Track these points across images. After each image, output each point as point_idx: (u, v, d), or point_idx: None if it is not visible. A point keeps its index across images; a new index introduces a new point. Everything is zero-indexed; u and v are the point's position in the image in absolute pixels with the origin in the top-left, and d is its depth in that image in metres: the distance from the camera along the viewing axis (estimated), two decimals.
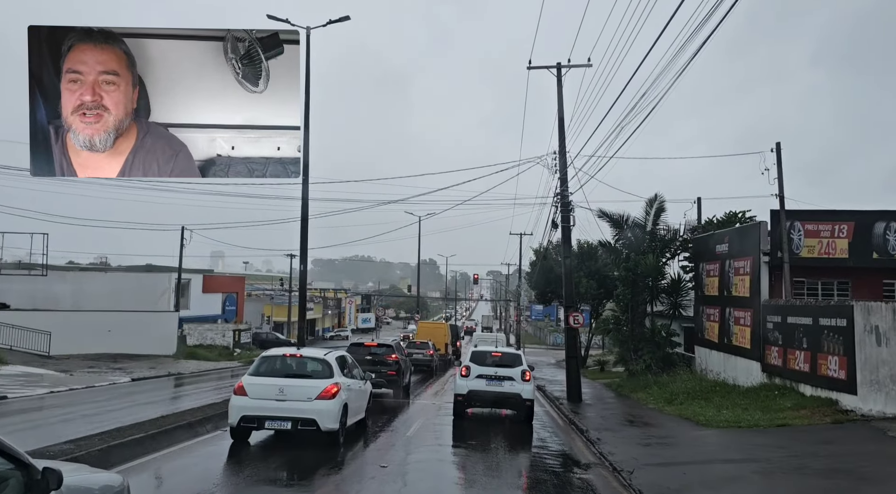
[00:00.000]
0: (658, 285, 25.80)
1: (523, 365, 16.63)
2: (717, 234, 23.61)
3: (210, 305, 56.20)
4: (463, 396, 15.98)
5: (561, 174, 21.77)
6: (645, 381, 23.69)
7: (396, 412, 17.86)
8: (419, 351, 35.15)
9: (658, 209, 27.58)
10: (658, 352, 25.74)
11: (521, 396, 15.81)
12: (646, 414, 18.08)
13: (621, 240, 28.41)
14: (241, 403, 11.09)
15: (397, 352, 20.29)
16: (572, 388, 21.51)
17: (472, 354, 17.17)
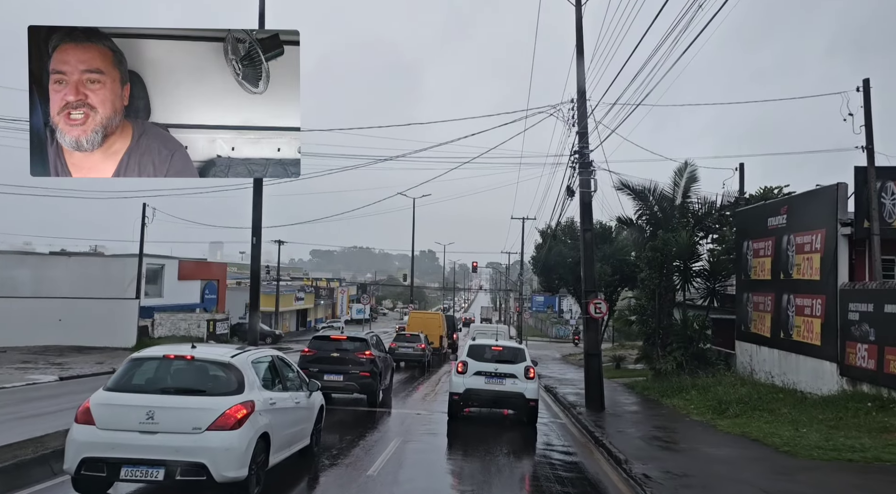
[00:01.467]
0: (691, 267, 21.53)
1: (526, 361, 14.83)
2: (771, 204, 19.26)
3: (187, 293, 52.01)
4: (459, 395, 14.37)
5: (580, 126, 17.44)
6: (678, 383, 19.46)
7: (367, 427, 13.63)
8: (409, 345, 31.13)
9: (689, 179, 23.27)
10: (691, 348, 21.52)
11: (523, 395, 14.21)
12: (695, 431, 13.82)
13: (645, 216, 24.11)
14: (85, 437, 6.80)
15: (373, 348, 15.99)
16: (593, 393, 17.26)
17: (470, 348, 15.20)
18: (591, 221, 17.82)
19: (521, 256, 52.14)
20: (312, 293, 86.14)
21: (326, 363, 15.26)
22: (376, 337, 17.43)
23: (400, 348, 30.83)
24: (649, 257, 21.88)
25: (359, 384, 15.24)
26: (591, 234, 17.90)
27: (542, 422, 15.35)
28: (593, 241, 18.00)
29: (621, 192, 23.89)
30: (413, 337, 31.87)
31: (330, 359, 15.32)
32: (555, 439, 13.58)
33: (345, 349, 15.55)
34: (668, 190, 23.40)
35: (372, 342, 16.28)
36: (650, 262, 22.00)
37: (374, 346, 16.43)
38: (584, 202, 17.66)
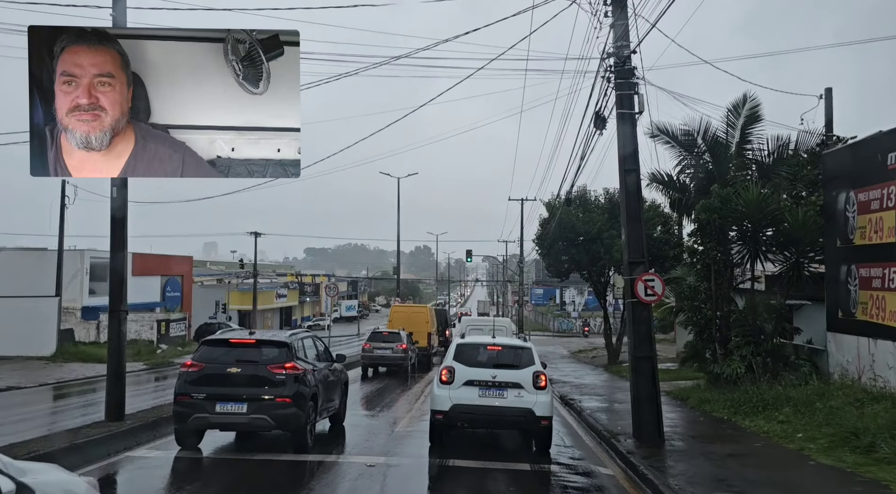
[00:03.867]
0: (763, 233, 15.63)
1: (535, 364, 10.88)
2: (892, 133, 13.24)
3: (145, 290, 45.81)
4: (444, 414, 10.53)
5: (614, 16, 11.50)
6: (756, 395, 13.65)
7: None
8: (386, 346, 25.27)
9: (750, 118, 17.37)
10: (764, 343, 15.69)
11: (532, 412, 10.37)
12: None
13: (689, 169, 18.22)
14: None
15: (298, 359, 9.90)
16: (645, 416, 11.35)
17: (458, 349, 11.30)
18: (635, 158, 11.87)
19: (521, 238, 46.21)
20: (296, 290, 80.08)
21: (220, 384, 9.32)
22: (309, 339, 11.35)
23: (375, 349, 25.15)
24: (703, 220, 15.97)
25: (274, 416, 9.25)
26: (637, 178, 11.95)
27: (569, 463, 9.62)
28: (639, 189, 12.04)
29: (657, 139, 17.95)
30: (392, 336, 25.98)
31: (227, 378, 9.37)
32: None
33: (251, 359, 9.54)
34: (721, 134, 17.50)
35: (297, 346, 10.21)
36: (704, 228, 16.10)
37: (303, 353, 10.37)
38: (625, 131, 11.75)
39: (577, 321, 77.78)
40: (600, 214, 26.33)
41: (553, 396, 10.91)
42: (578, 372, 26.54)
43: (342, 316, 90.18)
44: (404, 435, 12.18)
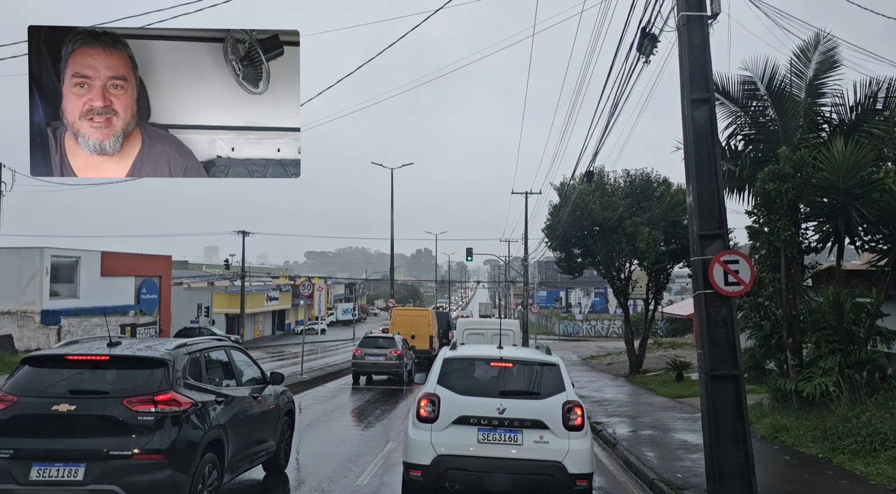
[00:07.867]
0: (854, 206, 11.82)
1: (566, 391, 7.00)
2: None
3: (117, 293, 42.31)
4: (422, 470, 6.66)
5: None
6: (867, 426, 9.88)
7: None
8: (379, 352, 22.70)
9: (824, 64, 13.59)
10: (854, 353, 11.92)
11: (563, 469, 6.57)
12: None
13: (745, 130, 14.44)
14: None
15: (185, 387, 5.99)
16: (728, 458, 7.50)
17: (445, 366, 7.34)
18: (706, 82, 8.08)
19: (525, 235, 42.38)
20: (289, 292, 76.19)
21: (41, 431, 5.53)
22: (220, 351, 7.43)
23: (367, 356, 22.48)
24: (771, 192, 12.17)
25: (131, 487, 5.44)
26: (712, 111, 8.14)
27: None
28: (713, 128, 8.18)
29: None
30: (385, 341, 22.95)
31: (52, 421, 5.57)
32: None
33: (97, 390, 5.76)
34: (787, 83, 13.73)
35: (185, 365, 6.31)
36: (772, 201, 12.29)
37: (199, 375, 6.49)
38: (693, 42, 7.99)
39: (584, 324, 74.06)
40: (622, 198, 22.56)
41: (592, 443, 7.08)
42: (596, 383, 22.72)
43: (338, 320, 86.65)
44: (375, 489, 8.36)
